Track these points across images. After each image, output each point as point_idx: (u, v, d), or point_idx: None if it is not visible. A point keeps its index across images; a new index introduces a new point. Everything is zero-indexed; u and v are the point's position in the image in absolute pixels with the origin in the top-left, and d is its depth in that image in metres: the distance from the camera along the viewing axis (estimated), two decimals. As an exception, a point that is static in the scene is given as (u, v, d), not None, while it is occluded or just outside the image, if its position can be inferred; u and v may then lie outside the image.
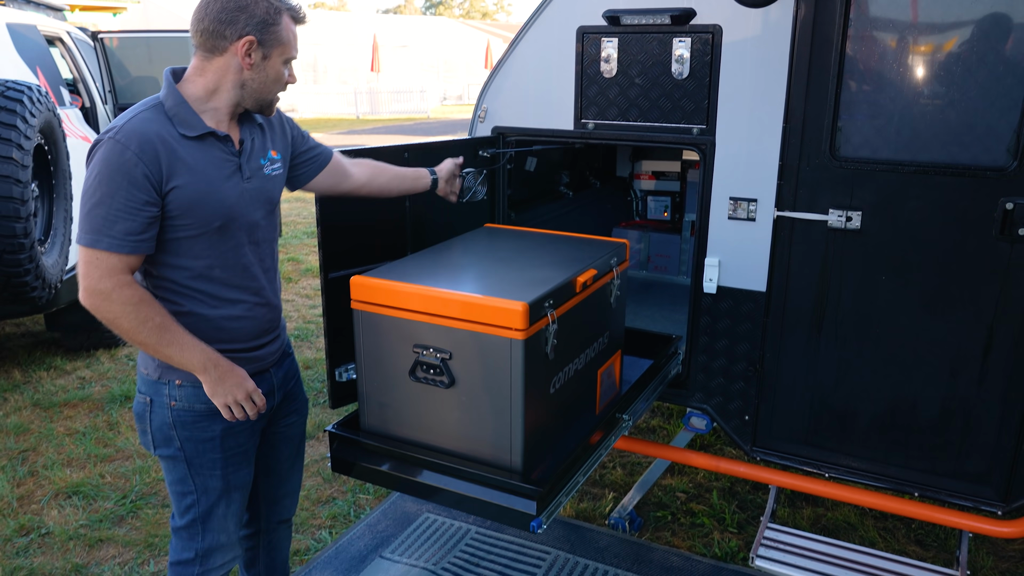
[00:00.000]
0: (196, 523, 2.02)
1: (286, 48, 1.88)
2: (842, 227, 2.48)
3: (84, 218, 1.73)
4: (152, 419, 1.94)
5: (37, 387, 4.56)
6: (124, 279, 1.74)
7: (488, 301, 1.97)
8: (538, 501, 1.95)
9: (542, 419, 2.12)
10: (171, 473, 1.99)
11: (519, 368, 1.96)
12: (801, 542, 2.72)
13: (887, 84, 2.38)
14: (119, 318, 1.74)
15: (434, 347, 2.05)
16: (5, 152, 3.19)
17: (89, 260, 1.73)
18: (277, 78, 1.89)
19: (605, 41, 2.73)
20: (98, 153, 1.72)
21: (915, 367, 2.49)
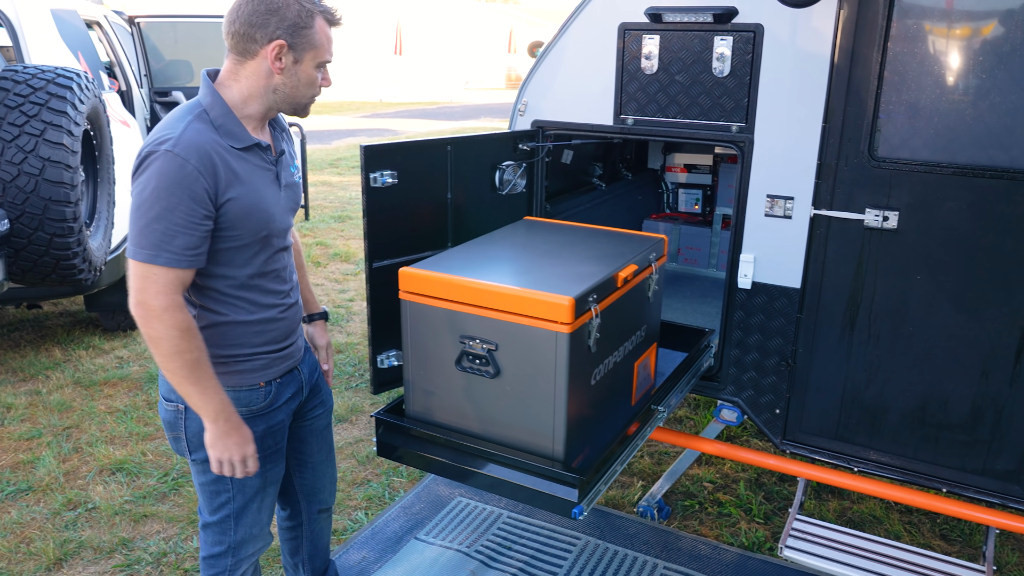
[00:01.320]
0: (229, 519, 2.03)
1: (319, 52, 1.83)
2: (879, 226, 2.51)
3: (141, 232, 1.68)
4: (187, 426, 1.92)
5: (77, 365, 4.69)
6: (177, 300, 1.72)
7: (535, 295, 2.03)
8: (579, 489, 2.03)
9: (583, 410, 2.18)
10: (205, 475, 1.98)
11: (564, 360, 2.03)
12: (829, 534, 2.77)
13: (927, 85, 2.40)
14: (162, 339, 1.71)
15: (480, 338, 2.12)
16: (56, 139, 3.28)
17: (145, 275, 1.70)
18: (310, 82, 1.85)
19: (647, 38, 2.76)
20: (154, 165, 1.67)
21: (947, 365, 2.53)
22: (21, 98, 3.29)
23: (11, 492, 3.38)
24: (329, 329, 5.34)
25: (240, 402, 1.92)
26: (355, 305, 5.88)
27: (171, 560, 2.95)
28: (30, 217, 3.28)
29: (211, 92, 1.80)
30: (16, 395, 4.28)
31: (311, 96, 1.88)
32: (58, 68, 3.48)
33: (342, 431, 3.94)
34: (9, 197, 3.24)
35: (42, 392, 4.33)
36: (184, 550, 3.01)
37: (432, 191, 2.74)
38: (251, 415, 1.95)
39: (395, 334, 2.58)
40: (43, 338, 5.15)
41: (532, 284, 2.09)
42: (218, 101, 1.79)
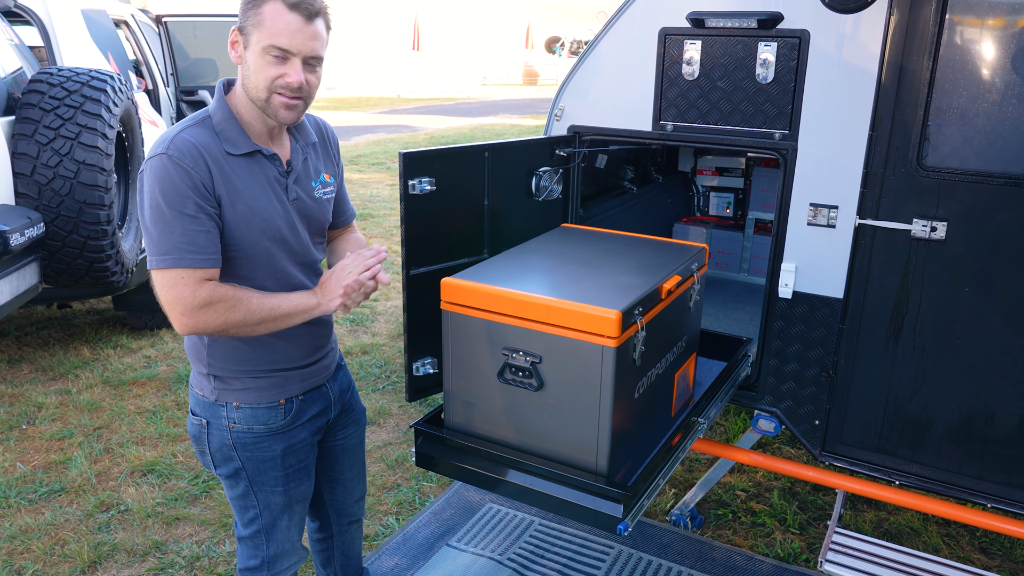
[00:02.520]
0: (260, 534, 2.02)
1: (263, 33, 1.66)
2: (926, 237, 2.46)
3: (159, 240, 1.65)
4: (210, 440, 1.93)
5: (106, 365, 4.72)
6: (210, 284, 1.68)
7: (581, 308, 1.99)
8: (624, 504, 1.99)
9: (626, 423, 2.15)
10: (232, 489, 1.99)
11: (610, 375, 1.99)
12: (869, 548, 2.73)
13: (979, 92, 2.35)
14: (228, 314, 1.68)
15: (524, 350, 2.09)
16: (91, 141, 3.28)
17: (175, 282, 1.65)
18: (257, 70, 1.69)
19: (688, 43, 2.72)
20: (152, 171, 1.65)
21: (995, 379, 2.48)
22: (56, 101, 3.30)
23: (44, 493, 3.40)
24: (354, 330, 5.36)
25: (257, 419, 1.90)
26: (379, 305, 5.87)
27: (204, 564, 2.96)
28: (65, 220, 3.29)
29: (218, 99, 1.78)
30: (47, 394, 4.31)
31: (266, 90, 1.70)
32: (92, 71, 3.48)
33: (370, 434, 3.93)
34: (44, 200, 3.25)
35: (72, 391, 4.35)
36: (217, 554, 3.01)
37: (469, 198, 2.72)
38: (270, 433, 1.92)
39: (431, 341, 2.56)
40: (72, 337, 5.18)
41: (577, 296, 2.06)
42: (222, 108, 1.76)
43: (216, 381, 1.88)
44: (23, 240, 3.07)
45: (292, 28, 1.67)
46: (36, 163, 3.22)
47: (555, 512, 2.11)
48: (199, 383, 1.92)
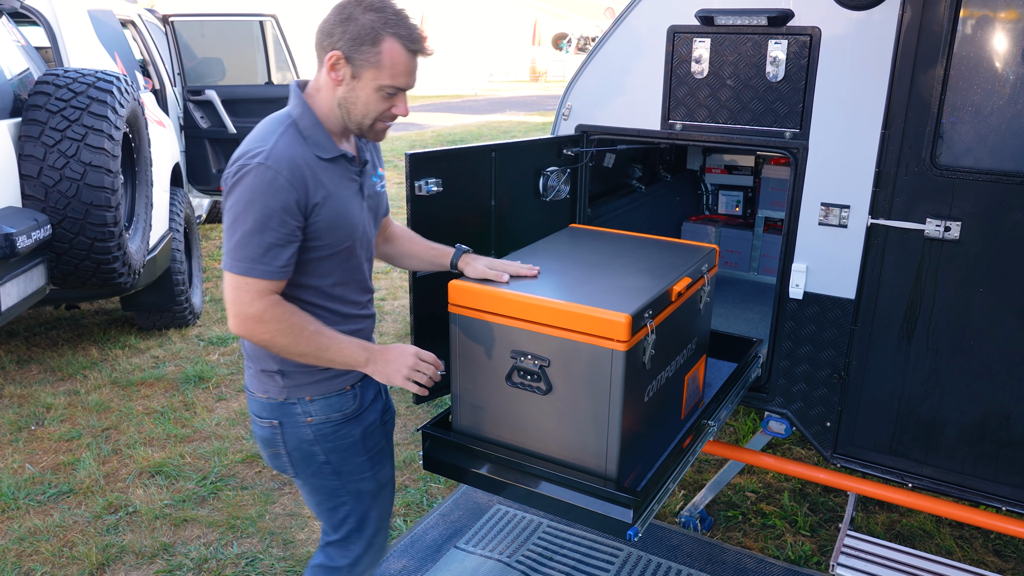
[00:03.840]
0: (352, 533, 2.00)
1: (380, 73, 1.72)
2: (940, 237, 2.43)
3: (237, 246, 1.68)
4: (286, 441, 1.90)
5: (114, 365, 4.72)
6: (273, 299, 1.72)
7: (591, 311, 1.96)
8: (634, 509, 1.97)
9: (635, 427, 2.13)
10: (318, 492, 1.96)
11: (619, 378, 1.96)
12: (881, 551, 2.70)
13: (994, 90, 2.31)
14: (276, 336, 1.72)
15: (532, 354, 2.06)
16: (97, 143, 3.28)
17: (239, 286, 1.70)
18: (367, 103, 1.76)
19: (697, 41, 2.69)
20: (247, 179, 1.67)
21: (1010, 380, 2.44)
22: (62, 103, 3.29)
23: (53, 494, 3.40)
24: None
25: (332, 407, 1.89)
26: (387, 305, 5.86)
27: (212, 566, 2.95)
28: (72, 222, 3.29)
29: (300, 103, 1.78)
30: (55, 395, 4.32)
31: (372, 119, 1.79)
32: (98, 72, 3.47)
33: (378, 435, 3.92)
34: (51, 202, 3.24)
35: (80, 392, 4.36)
36: (224, 556, 3.01)
37: (476, 198, 2.70)
38: (345, 419, 1.92)
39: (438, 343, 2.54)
40: (80, 337, 5.19)
41: (586, 299, 2.02)
42: (307, 112, 1.77)
43: (284, 378, 1.86)
44: (30, 242, 3.06)
45: (410, 69, 1.76)
46: (43, 165, 3.21)
47: (564, 517, 2.09)
48: (262, 385, 1.89)
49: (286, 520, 3.24)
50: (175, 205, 5.05)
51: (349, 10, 1.71)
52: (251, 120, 6.44)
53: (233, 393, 4.40)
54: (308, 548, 3.05)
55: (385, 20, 1.71)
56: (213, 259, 6.97)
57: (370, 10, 1.70)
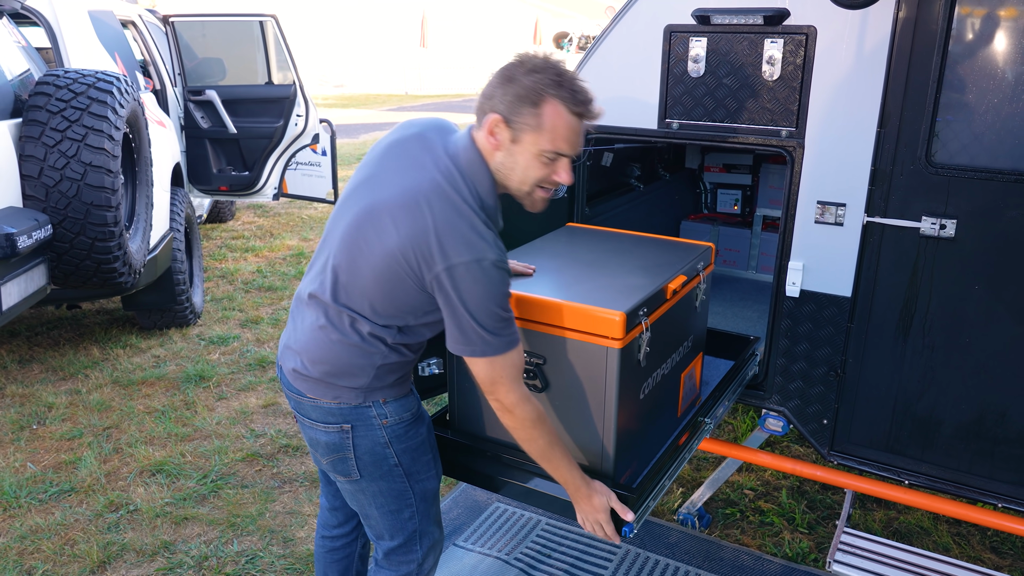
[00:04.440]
0: (415, 535, 2.01)
1: (541, 137, 1.65)
2: (935, 235, 2.44)
3: (491, 329, 1.70)
4: (357, 445, 1.88)
5: (115, 365, 4.74)
6: (524, 391, 1.80)
7: (585, 309, 1.97)
8: (629, 506, 1.97)
9: (631, 424, 2.14)
10: (384, 494, 1.94)
11: (614, 376, 1.97)
12: (878, 548, 2.71)
13: (989, 88, 2.32)
14: (537, 439, 1.82)
15: (528, 351, 2.08)
16: (97, 143, 3.29)
17: (501, 367, 1.74)
18: (527, 168, 1.70)
19: (693, 40, 2.70)
20: (486, 271, 1.67)
21: (1006, 378, 2.45)
22: (63, 103, 3.31)
23: (55, 493, 3.42)
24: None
25: (404, 407, 1.92)
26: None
27: (212, 564, 2.97)
28: (72, 222, 3.31)
29: (487, 177, 1.75)
30: (57, 394, 4.34)
31: (531, 186, 1.74)
32: (98, 72, 3.49)
33: (378, 433, 3.94)
34: (52, 202, 3.26)
35: (82, 391, 4.38)
36: (225, 554, 3.02)
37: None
38: (414, 418, 1.95)
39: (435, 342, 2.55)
40: (81, 336, 5.21)
41: (581, 298, 2.03)
42: (492, 191, 1.76)
43: (366, 390, 1.86)
44: (31, 242, 3.08)
45: (573, 132, 1.68)
46: (43, 165, 3.23)
47: (560, 514, 2.10)
48: (334, 393, 1.85)
49: (286, 518, 3.26)
50: (176, 205, 5.07)
51: (511, 71, 1.66)
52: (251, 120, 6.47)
53: (233, 392, 4.41)
54: (308, 546, 3.07)
55: (548, 81, 1.64)
56: (214, 259, 6.99)
57: (533, 71, 1.64)
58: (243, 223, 8.43)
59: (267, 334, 5.27)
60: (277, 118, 6.51)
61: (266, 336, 5.24)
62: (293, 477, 3.55)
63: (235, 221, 8.51)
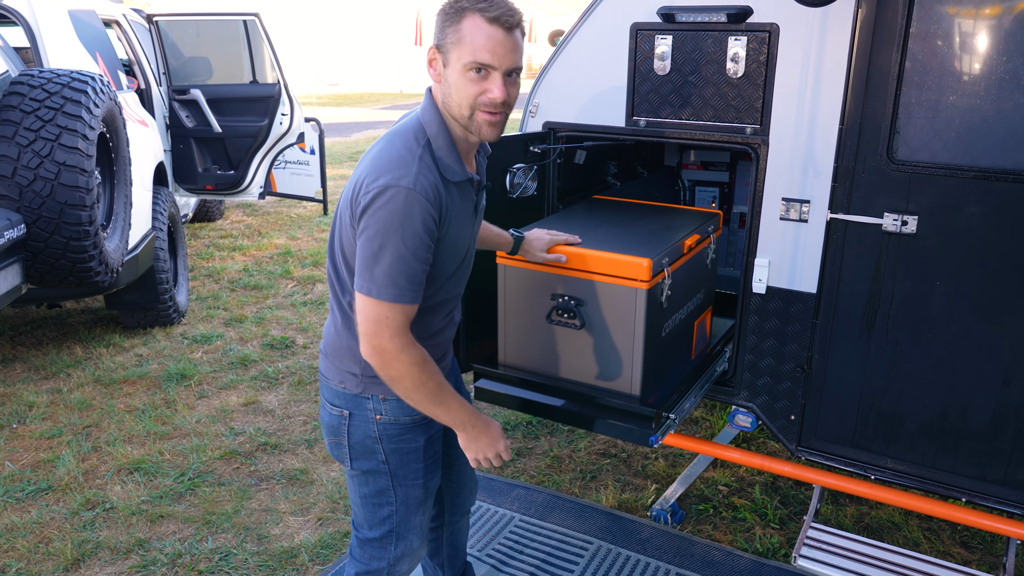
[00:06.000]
0: (391, 534, 2.01)
1: (463, 50, 1.63)
2: (897, 231, 2.45)
3: (384, 273, 1.64)
4: (351, 432, 1.92)
5: (98, 364, 4.75)
6: (408, 338, 1.71)
7: (619, 257, 2.36)
8: (655, 420, 2.38)
9: (655, 357, 2.50)
10: (366, 486, 1.97)
11: (642, 313, 2.36)
12: (844, 543, 2.73)
13: (948, 86, 2.33)
14: (402, 377, 1.72)
15: (569, 295, 2.44)
16: (71, 143, 3.30)
17: (380, 317, 1.66)
18: (459, 88, 1.67)
19: (659, 38, 2.71)
20: (394, 203, 1.62)
21: (967, 373, 2.47)
22: (36, 103, 3.31)
23: (32, 491, 3.43)
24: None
25: (403, 411, 1.90)
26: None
27: (186, 561, 2.98)
28: (47, 221, 3.31)
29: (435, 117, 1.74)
30: (38, 393, 4.35)
31: (469, 109, 1.69)
32: (73, 72, 3.50)
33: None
34: (26, 202, 3.27)
35: (63, 390, 4.39)
36: (199, 551, 3.04)
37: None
38: (414, 424, 1.93)
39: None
40: (65, 335, 5.22)
41: (614, 249, 2.41)
42: (442, 130, 1.74)
43: (364, 377, 1.88)
44: (3, 241, 3.09)
45: (494, 42, 1.64)
46: (17, 165, 3.24)
47: (598, 431, 2.51)
48: (340, 376, 1.91)
49: (261, 516, 3.27)
50: (159, 204, 5.08)
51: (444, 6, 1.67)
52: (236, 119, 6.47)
53: (215, 391, 4.42)
54: (282, 543, 3.08)
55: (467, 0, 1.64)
56: (201, 258, 7.00)
57: None
58: (231, 222, 8.44)
59: (250, 333, 5.28)
60: (262, 117, 6.52)
61: (249, 335, 5.25)
62: (270, 475, 3.57)
63: (223, 220, 8.51)
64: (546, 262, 2.43)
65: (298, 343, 5.12)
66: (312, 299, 5.98)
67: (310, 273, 6.59)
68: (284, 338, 5.16)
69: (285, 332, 5.30)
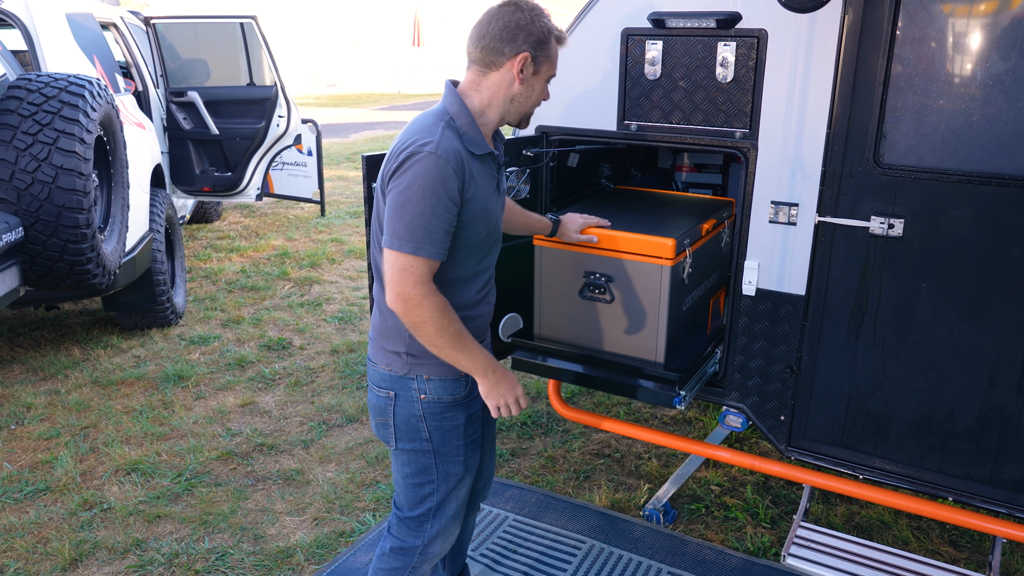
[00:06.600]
0: (430, 512, 2.14)
1: (552, 66, 2.04)
2: (884, 234, 2.49)
3: (406, 227, 1.83)
4: (396, 413, 2.06)
5: (95, 365, 4.78)
6: (431, 286, 1.87)
7: (645, 237, 2.59)
8: (679, 383, 2.62)
9: (677, 328, 2.74)
10: (411, 465, 2.11)
11: (667, 287, 2.60)
12: (833, 542, 2.76)
13: (933, 91, 2.37)
14: (425, 323, 1.87)
15: (600, 272, 2.69)
16: (69, 146, 3.33)
17: (404, 267, 1.84)
18: (540, 93, 2.05)
19: (650, 43, 2.75)
20: (419, 165, 1.83)
21: (953, 374, 2.50)
22: (34, 107, 3.34)
23: (30, 492, 3.46)
24: (342, 328, 5.42)
25: (445, 390, 2.05)
26: (366, 303, 5.91)
27: (183, 561, 3.01)
28: (44, 224, 3.34)
29: (457, 101, 1.97)
30: (36, 394, 4.38)
31: (535, 106, 2.08)
32: (70, 76, 3.53)
33: (352, 432, 3.99)
34: (24, 205, 3.30)
35: (61, 391, 4.42)
36: (195, 551, 3.07)
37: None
38: (455, 403, 2.07)
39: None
40: (63, 337, 5.25)
41: (641, 230, 2.64)
42: (464, 110, 1.95)
43: (409, 357, 2.02)
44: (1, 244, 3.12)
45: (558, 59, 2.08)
46: (15, 168, 3.27)
47: (626, 396, 2.83)
48: (386, 359, 2.05)
49: (258, 516, 3.30)
50: (156, 206, 5.11)
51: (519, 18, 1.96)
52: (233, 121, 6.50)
53: (212, 392, 4.45)
54: (278, 543, 3.11)
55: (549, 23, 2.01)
56: (199, 259, 7.03)
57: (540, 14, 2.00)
58: (229, 223, 8.47)
59: (248, 334, 5.31)
60: (259, 119, 6.55)
61: (247, 336, 5.28)
62: (267, 475, 3.60)
63: (221, 221, 8.54)
64: (579, 242, 2.67)
65: (295, 344, 5.15)
66: (309, 300, 6.01)
67: (307, 274, 6.62)
68: (281, 339, 5.19)
69: (282, 333, 5.33)
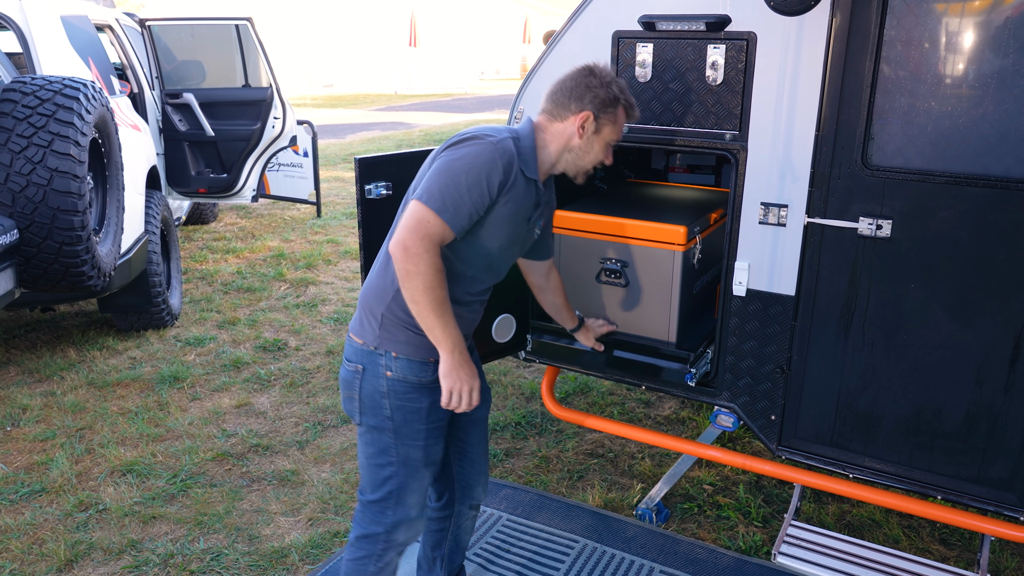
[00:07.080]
0: (391, 496, 2.17)
1: (614, 132, 2.20)
2: (872, 235, 2.51)
3: (440, 189, 1.93)
4: (362, 387, 2.10)
5: (91, 366, 4.79)
6: (437, 249, 1.95)
7: (659, 225, 2.78)
8: (690, 361, 2.85)
9: (687, 310, 2.93)
10: (372, 444, 2.15)
11: (678, 272, 2.78)
12: (824, 540, 2.79)
13: (921, 93, 2.39)
14: (417, 275, 1.92)
15: (615, 258, 2.88)
16: (63, 149, 3.34)
17: (422, 218, 1.92)
18: (598, 153, 2.21)
19: (640, 46, 2.77)
20: (476, 147, 1.98)
21: (941, 373, 2.53)
22: (29, 110, 3.35)
23: (25, 493, 3.47)
24: (337, 329, 5.43)
25: (411, 371, 2.09)
26: (364, 304, 5.93)
27: (178, 561, 3.03)
28: (39, 227, 3.35)
29: (530, 130, 2.16)
30: (32, 396, 4.39)
31: (593, 165, 2.24)
32: (65, 79, 3.54)
33: (347, 432, 4.00)
34: (18, 207, 3.31)
35: (57, 393, 4.43)
36: (191, 551, 3.08)
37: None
38: (420, 385, 2.11)
39: None
40: (59, 339, 5.25)
41: (655, 218, 2.83)
42: (530, 136, 2.14)
43: (380, 328, 2.08)
44: (-4, 247, 3.13)
45: (623, 128, 2.24)
46: (10, 171, 3.28)
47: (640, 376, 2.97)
48: (361, 330, 2.11)
49: (253, 516, 3.32)
50: (151, 208, 5.12)
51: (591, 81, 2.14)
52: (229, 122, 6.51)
53: (207, 393, 4.47)
54: (273, 543, 3.13)
55: (621, 91, 2.18)
56: (195, 260, 7.04)
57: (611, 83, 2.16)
58: (225, 224, 8.48)
59: (243, 335, 5.32)
60: (255, 120, 6.56)
61: (242, 337, 5.29)
62: (262, 476, 3.61)
63: (217, 222, 8.55)
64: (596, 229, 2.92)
65: (290, 345, 5.17)
66: (305, 301, 6.03)
67: (303, 275, 6.63)
68: (276, 340, 5.21)
69: (278, 334, 5.35)
